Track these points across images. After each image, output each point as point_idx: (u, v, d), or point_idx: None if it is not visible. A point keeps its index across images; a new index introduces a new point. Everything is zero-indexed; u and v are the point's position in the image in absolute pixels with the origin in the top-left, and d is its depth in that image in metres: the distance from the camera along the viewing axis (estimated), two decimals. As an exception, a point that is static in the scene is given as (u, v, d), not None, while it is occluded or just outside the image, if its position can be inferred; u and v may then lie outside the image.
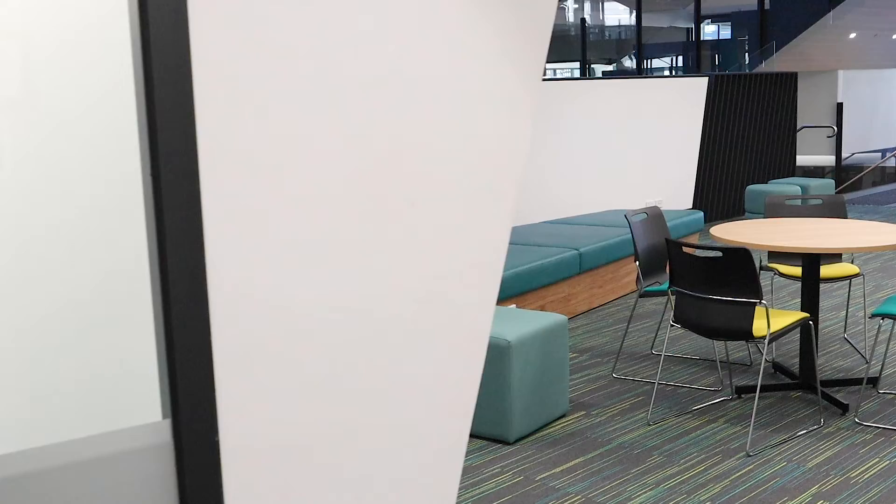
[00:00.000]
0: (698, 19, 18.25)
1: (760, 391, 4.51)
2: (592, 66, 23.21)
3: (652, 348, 5.28)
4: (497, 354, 3.90)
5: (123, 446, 1.30)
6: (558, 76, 22.81)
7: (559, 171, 8.20)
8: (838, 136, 15.12)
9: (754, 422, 4.12)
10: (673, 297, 4.11)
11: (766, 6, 16.45)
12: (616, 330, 5.68)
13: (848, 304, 5.49)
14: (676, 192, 9.56)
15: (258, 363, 1.41)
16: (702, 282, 3.89)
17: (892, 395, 4.41)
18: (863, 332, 5.47)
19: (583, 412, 4.33)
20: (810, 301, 4.40)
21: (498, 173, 1.67)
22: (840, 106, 15.36)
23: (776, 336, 3.85)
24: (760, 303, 3.79)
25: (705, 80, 9.76)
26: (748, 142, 10.36)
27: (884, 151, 16.62)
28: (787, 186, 8.88)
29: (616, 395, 4.54)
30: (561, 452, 3.86)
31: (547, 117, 8.02)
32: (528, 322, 4.07)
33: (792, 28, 15.37)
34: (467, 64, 1.59)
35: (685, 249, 3.91)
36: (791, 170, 11.15)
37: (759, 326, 3.84)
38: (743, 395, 4.47)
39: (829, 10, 14.71)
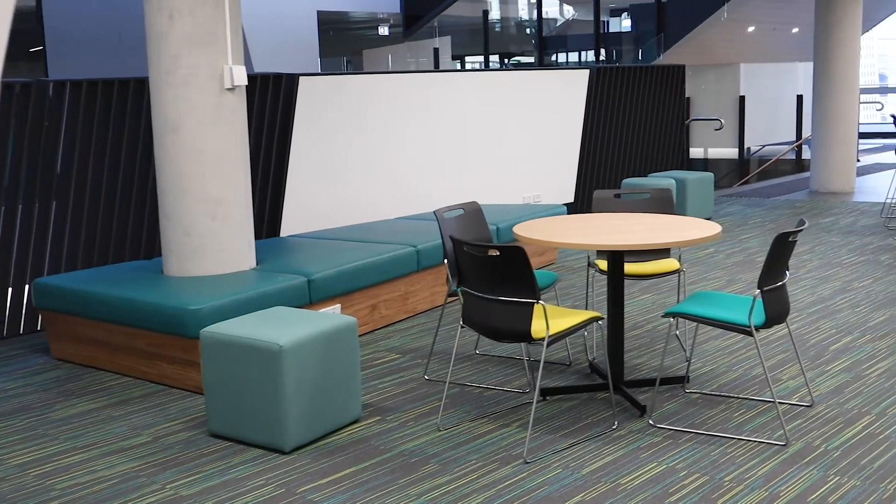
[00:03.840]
0: (597, 12, 18.23)
1: (569, 392, 4.37)
2: (512, 58, 23.14)
3: (476, 349, 5.12)
4: (268, 360, 3.70)
5: None
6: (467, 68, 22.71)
7: (427, 165, 8.02)
8: (740, 129, 15.20)
9: (549, 426, 3.97)
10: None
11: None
12: (449, 330, 5.51)
13: (679, 301, 5.38)
14: (557, 186, 9.44)
15: None
16: (483, 281, 3.73)
17: (698, 395, 4.30)
18: (687, 331, 5.37)
19: (378, 417, 4.15)
20: (614, 298, 4.26)
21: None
22: (742, 99, 15.43)
23: (557, 337, 3.71)
24: (538, 303, 3.64)
25: (586, 72, 9.65)
26: (633, 135, 10.29)
27: (787, 144, 16.76)
28: (660, 179, 8.80)
29: (420, 399, 4.37)
30: (336, 462, 3.67)
31: (411, 109, 7.84)
32: (309, 325, 3.87)
33: (689, 21, 15.39)
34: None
35: (466, 248, 3.74)
36: (680, 163, 11.12)
37: (538, 327, 3.69)
38: (549, 398, 4.33)
39: (724, 4, 14.75)
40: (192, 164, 4.96)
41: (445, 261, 4.51)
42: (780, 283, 3.85)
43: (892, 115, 9.90)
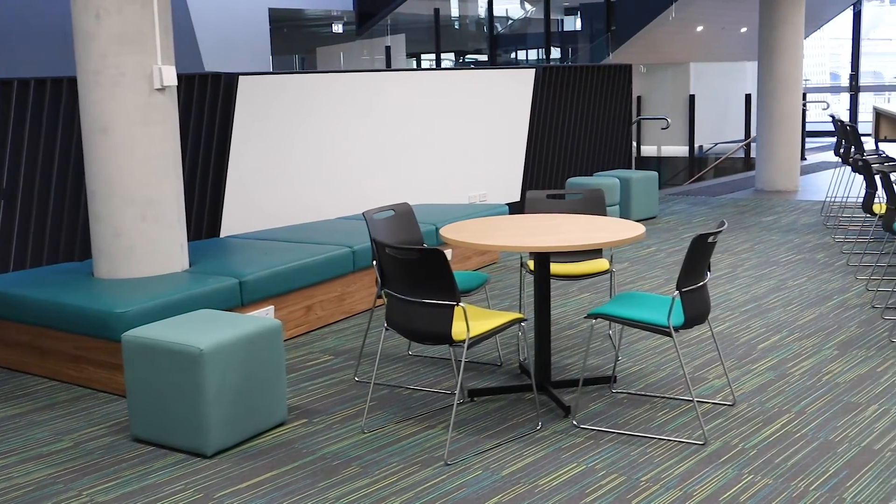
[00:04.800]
0: (548, 10, 18.29)
1: (496, 393, 4.39)
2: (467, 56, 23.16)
3: (409, 350, 5.13)
4: (188, 363, 3.67)
5: None
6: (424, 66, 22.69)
7: (373, 165, 8.01)
8: (690, 128, 15.34)
9: (474, 427, 3.99)
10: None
11: (613, -2, 16.62)
12: (382, 331, 5.50)
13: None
14: (503, 186, 9.48)
15: None
16: (404, 284, 3.74)
17: (624, 395, 4.34)
18: (620, 330, 5.41)
19: (304, 420, 4.13)
20: (541, 299, 4.29)
21: None
22: (692, 97, 15.58)
23: (478, 339, 3.72)
24: (458, 305, 3.65)
25: (532, 71, 9.69)
26: (579, 134, 10.35)
27: (738, 142, 16.94)
28: (605, 179, 8.86)
29: (348, 401, 4.37)
30: (257, 466, 3.66)
31: (356, 108, 7.82)
32: (233, 328, 3.85)
33: (639, 20, 15.51)
34: None
35: (387, 251, 3.74)
36: (627, 162, 11.20)
37: (459, 329, 3.70)
38: (476, 399, 4.34)
39: (672, 3, 14.89)
40: (122, 165, 4.91)
41: (374, 262, 4.51)
42: (701, 284, 3.89)
43: (831, 116, 10.04)
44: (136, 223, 4.95)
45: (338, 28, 21.46)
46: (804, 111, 15.33)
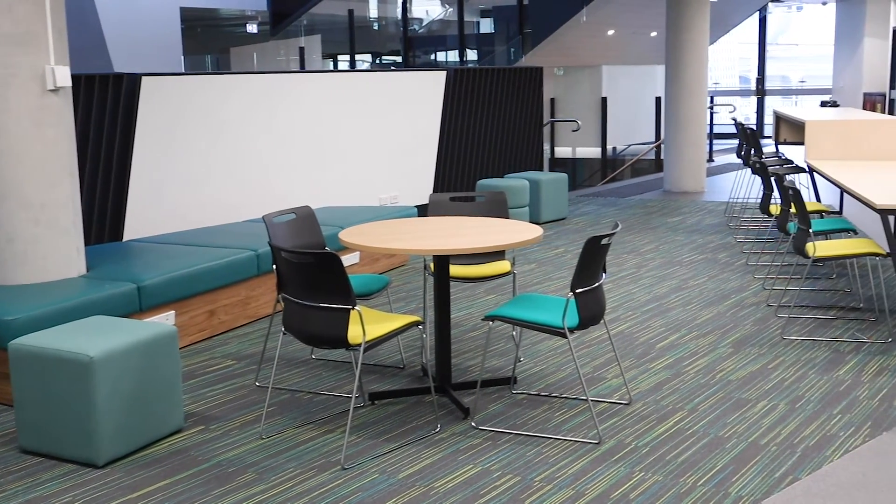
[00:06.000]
0: (461, 12, 18.41)
1: (396, 396, 4.39)
2: (383, 57, 23.13)
3: (312, 353, 5.10)
4: (78, 371, 3.59)
5: None
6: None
7: (284, 167, 7.95)
8: (603, 130, 15.57)
9: (373, 431, 3.99)
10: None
11: (525, 1, 16.74)
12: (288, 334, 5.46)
13: (517, 302, 5.48)
14: (415, 187, 9.49)
15: None
16: (300, 288, 3.72)
17: (524, 396, 4.38)
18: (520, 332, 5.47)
19: (201, 427, 4.08)
20: (440, 301, 4.31)
21: None
22: (604, 100, 15.81)
23: (374, 343, 3.72)
24: (354, 308, 3.64)
25: (443, 73, 9.73)
26: (491, 136, 10.42)
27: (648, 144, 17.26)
28: (515, 180, 8.94)
29: (247, 406, 4.32)
30: (150, 475, 3.60)
31: (264, 110, 7.76)
32: (125, 334, 3.78)
33: (551, 23, 15.69)
34: None
35: (283, 255, 3.71)
36: (538, 163, 11.31)
37: (355, 333, 3.70)
38: (376, 402, 4.34)
39: (583, 7, 15.12)
40: (14, 168, 4.78)
41: (274, 266, 4.47)
42: (596, 286, 3.96)
43: (734, 119, 10.31)
44: (29, 227, 4.83)
45: (252, 28, 21.22)
46: (712, 114, 15.71)
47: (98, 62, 15.64)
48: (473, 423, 4.04)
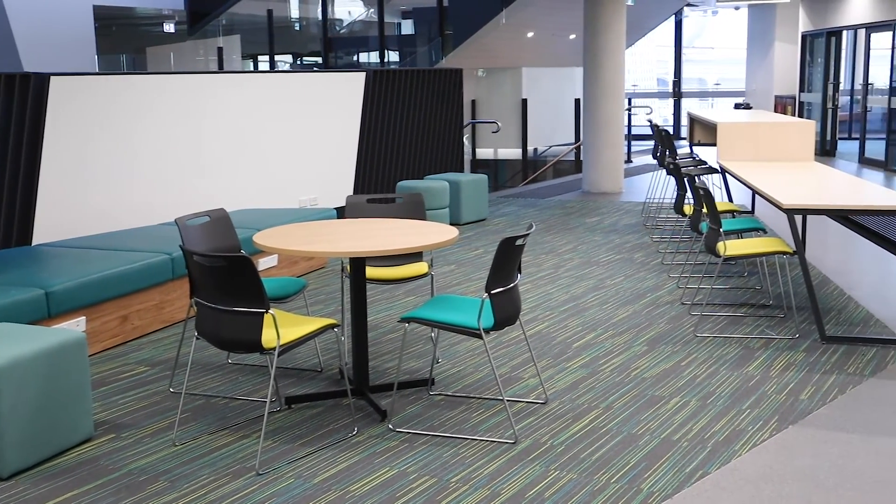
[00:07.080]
0: (381, 13, 18.40)
1: (313, 399, 4.36)
2: (304, 58, 22.95)
3: (228, 358, 5.03)
4: (-20, 381, 3.48)
5: None
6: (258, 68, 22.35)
7: (200, 168, 7.83)
8: (523, 131, 15.70)
9: (289, 435, 3.95)
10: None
11: (445, 3, 16.80)
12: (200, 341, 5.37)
13: (436, 303, 5.49)
14: (334, 189, 9.43)
15: None
16: (212, 292, 3.66)
17: (441, 397, 4.39)
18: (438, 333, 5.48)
19: (112, 435, 3.99)
20: (357, 303, 4.29)
21: None
22: (525, 101, 15.94)
23: (289, 346, 3.69)
24: (268, 312, 3.60)
25: (363, 75, 9.69)
26: (411, 137, 10.42)
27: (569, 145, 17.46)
28: (435, 182, 8.96)
29: (161, 413, 4.24)
30: (58, 485, 3.50)
31: (180, 110, 7.63)
32: (30, 342, 3.67)
33: (471, 25, 15.79)
34: None
35: (195, 258, 3.65)
36: (459, 164, 11.35)
37: (269, 337, 3.66)
38: (293, 406, 4.30)
39: (503, 9, 15.24)
40: (-88, 171, 4.61)
41: (187, 270, 4.40)
42: (511, 286, 3.98)
43: (649, 121, 10.49)
44: (-71, 233, 4.66)
45: (169, 27, 20.85)
46: (630, 116, 15.97)
47: (6, 61, 15.19)
48: (391, 426, 4.03)
